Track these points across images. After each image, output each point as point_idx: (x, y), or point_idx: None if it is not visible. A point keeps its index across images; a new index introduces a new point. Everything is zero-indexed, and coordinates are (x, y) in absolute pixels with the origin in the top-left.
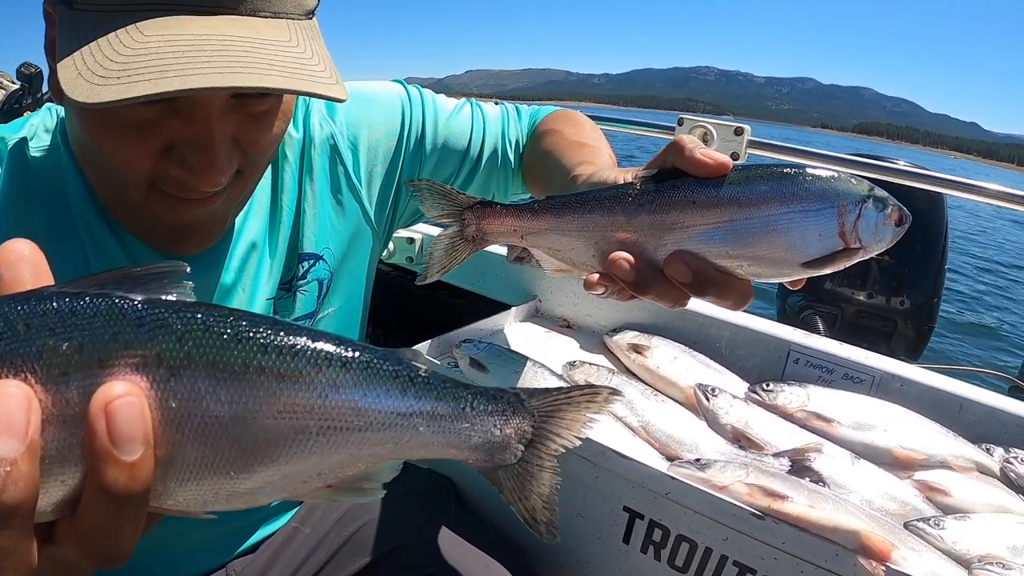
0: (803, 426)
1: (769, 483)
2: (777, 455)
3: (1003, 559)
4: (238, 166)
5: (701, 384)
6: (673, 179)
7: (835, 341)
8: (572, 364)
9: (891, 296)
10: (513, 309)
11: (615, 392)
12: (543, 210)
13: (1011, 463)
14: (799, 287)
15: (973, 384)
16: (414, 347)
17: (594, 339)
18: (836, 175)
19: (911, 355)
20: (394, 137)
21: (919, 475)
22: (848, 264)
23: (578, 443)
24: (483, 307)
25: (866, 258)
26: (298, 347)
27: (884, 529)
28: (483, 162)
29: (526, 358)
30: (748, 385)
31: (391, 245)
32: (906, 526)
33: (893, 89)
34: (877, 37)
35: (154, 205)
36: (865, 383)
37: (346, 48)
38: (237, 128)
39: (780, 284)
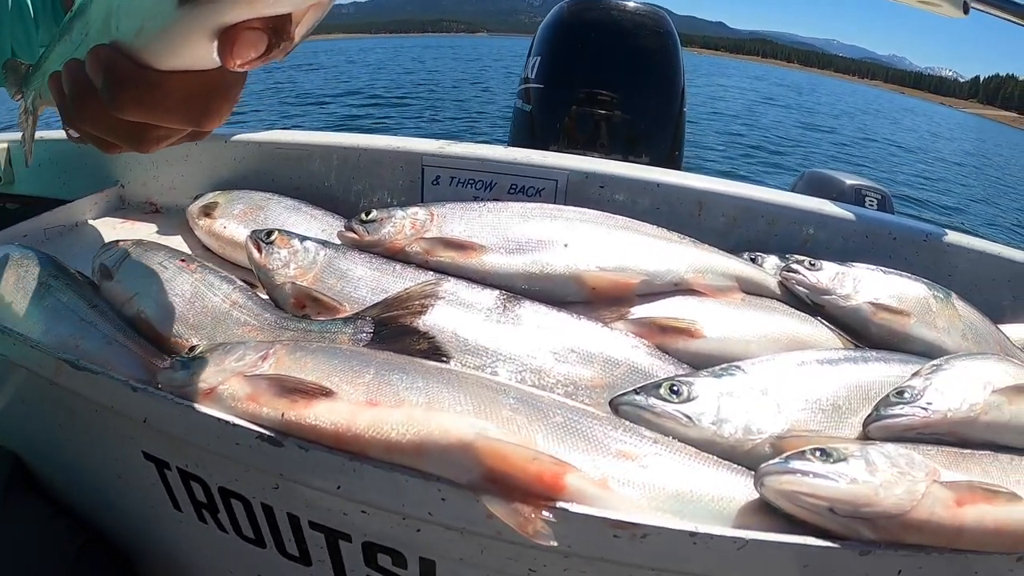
0: (423, 266)
1: (296, 367)
2: (353, 318)
3: (819, 435)
4: None
5: (255, 231)
6: None
7: (494, 146)
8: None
9: (628, 154)
10: (85, 200)
11: None
12: None
13: (795, 271)
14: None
15: None
16: None
17: (181, 218)
18: None
19: None
20: None
21: (638, 310)
22: None
23: None
24: None
25: None
26: None
27: (545, 426)
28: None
29: None
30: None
31: None
32: (615, 407)
33: None
34: None
35: None
36: (547, 192)
37: None
38: None
39: None
